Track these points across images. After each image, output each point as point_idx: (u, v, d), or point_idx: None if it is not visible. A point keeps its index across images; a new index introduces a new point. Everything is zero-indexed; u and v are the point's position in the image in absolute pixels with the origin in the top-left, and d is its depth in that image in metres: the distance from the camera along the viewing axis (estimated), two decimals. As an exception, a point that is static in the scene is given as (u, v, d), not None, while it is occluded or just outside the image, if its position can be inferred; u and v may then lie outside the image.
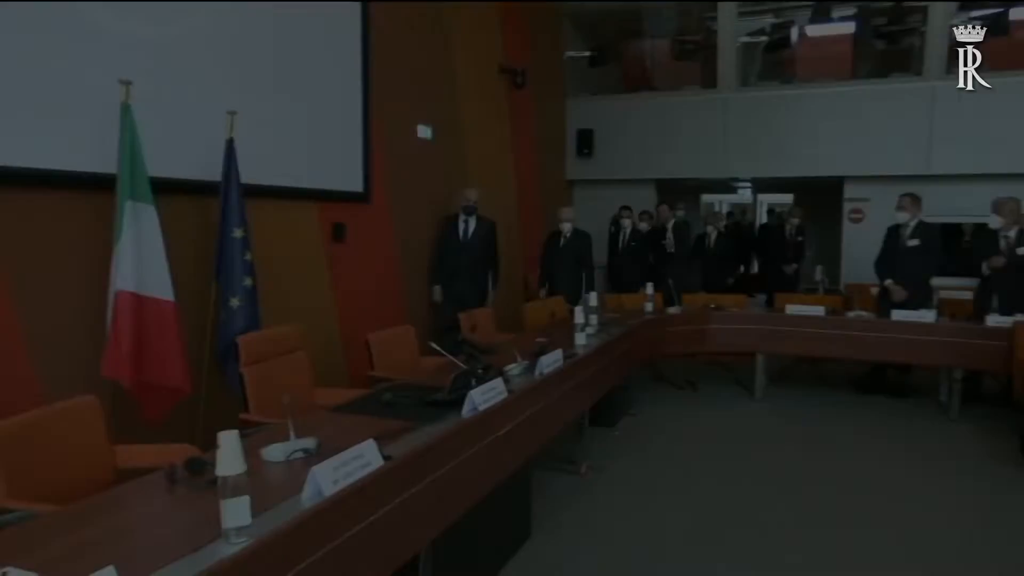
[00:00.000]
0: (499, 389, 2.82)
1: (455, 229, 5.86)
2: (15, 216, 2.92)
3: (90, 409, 2.41)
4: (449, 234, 5.87)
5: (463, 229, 5.85)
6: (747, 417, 5.57)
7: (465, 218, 5.85)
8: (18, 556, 1.48)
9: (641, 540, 3.34)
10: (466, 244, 5.82)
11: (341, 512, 1.80)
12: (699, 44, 10.02)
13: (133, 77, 3.14)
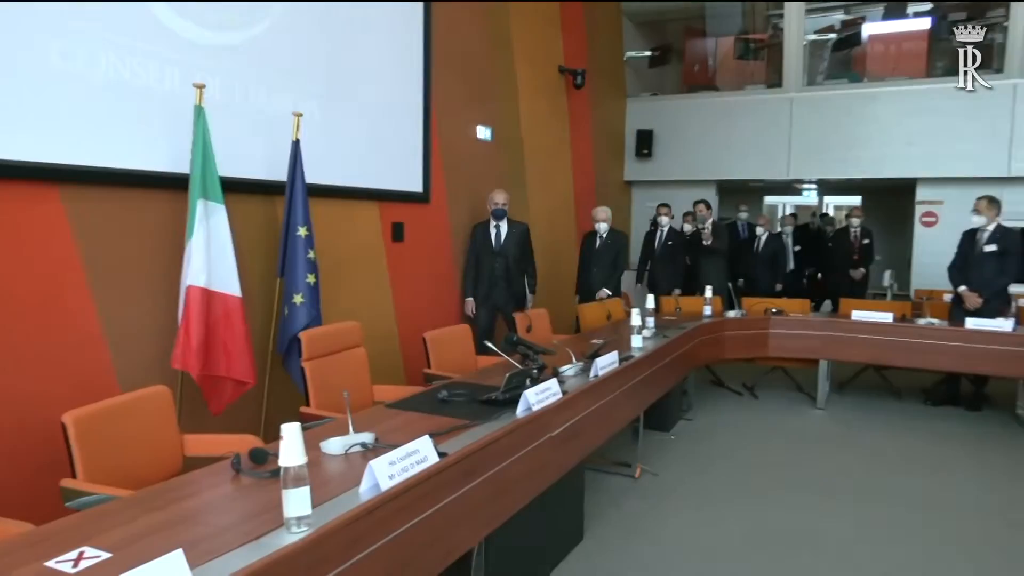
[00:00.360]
0: (554, 389, 2.83)
1: (487, 235, 5.57)
2: (95, 214, 3.07)
3: (162, 399, 2.52)
4: (481, 241, 5.58)
5: (495, 234, 5.57)
6: (808, 425, 5.41)
7: (496, 223, 5.57)
8: (94, 536, 1.56)
9: (695, 547, 3.29)
10: (499, 250, 5.53)
11: (397, 506, 1.84)
12: (763, 43, 9.81)
13: (205, 81, 3.27)
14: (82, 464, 2.16)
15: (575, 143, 7.81)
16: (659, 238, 7.16)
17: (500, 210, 5.51)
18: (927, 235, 8.07)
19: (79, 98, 2.96)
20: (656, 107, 9.19)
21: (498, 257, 5.51)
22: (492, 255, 5.52)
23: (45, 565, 1.43)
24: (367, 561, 1.72)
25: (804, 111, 8.27)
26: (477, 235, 5.60)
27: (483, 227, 5.60)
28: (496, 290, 5.53)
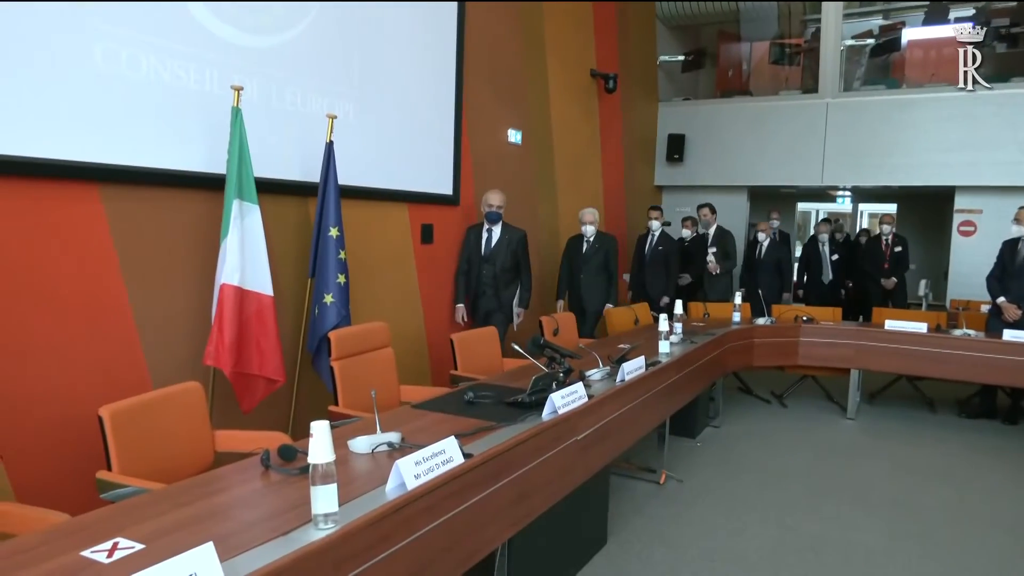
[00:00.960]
0: (580, 393, 2.83)
1: (479, 239, 5.17)
2: (133, 213, 3.15)
3: (195, 394, 2.58)
4: (473, 244, 5.18)
5: (485, 239, 5.15)
6: (838, 435, 5.33)
7: (489, 227, 5.14)
8: (127, 528, 1.60)
9: (720, 555, 3.27)
10: (488, 256, 5.13)
11: (422, 506, 1.85)
12: (799, 47, 9.70)
13: (243, 83, 3.34)
14: (117, 457, 2.22)
15: (605, 147, 7.80)
16: (649, 243, 6.71)
17: (494, 213, 5.10)
18: (964, 244, 7.90)
19: (120, 99, 3.03)
20: (689, 111, 9.13)
21: (486, 264, 5.13)
22: (480, 261, 5.16)
23: (81, 555, 1.47)
24: (392, 559, 1.74)
25: (840, 117, 8.16)
26: (470, 238, 5.23)
27: (476, 230, 5.23)
28: (483, 299, 5.17)
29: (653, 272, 6.62)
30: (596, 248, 5.86)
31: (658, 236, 6.64)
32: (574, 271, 5.96)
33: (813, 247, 8.13)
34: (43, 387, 2.84)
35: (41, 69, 2.75)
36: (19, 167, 2.71)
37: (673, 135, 8.98)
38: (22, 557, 1.46)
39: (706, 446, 4.89)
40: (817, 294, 7.85)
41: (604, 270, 5.88)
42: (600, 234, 5.93)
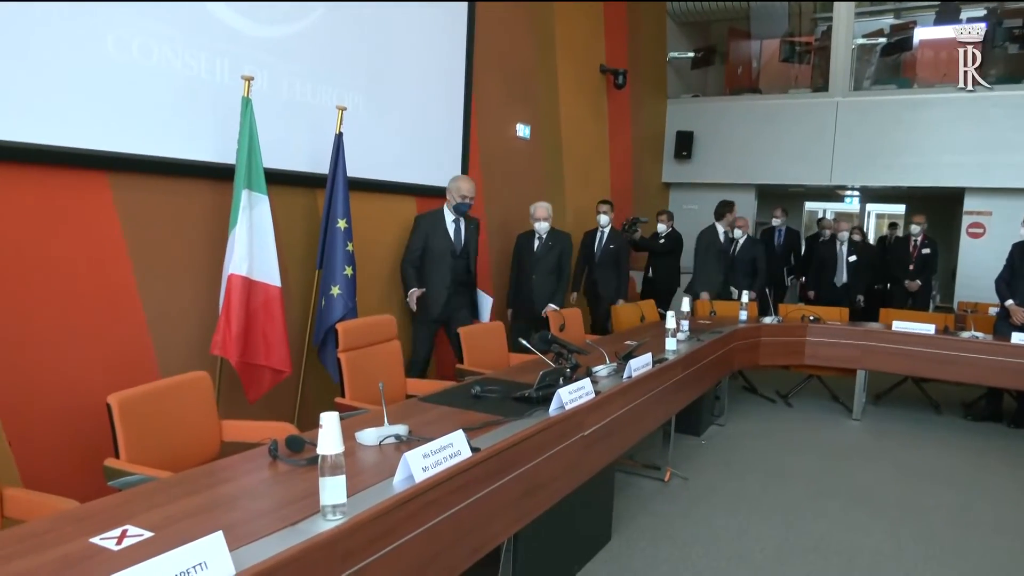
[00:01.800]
0: (587, 389, 2.82)
1: (443, 230, 4.57)
2: (142, 201, 3.15)
3: (202, 384, 2.58)
4: (440, 237, 4.55)
5: (454, 231, 4.60)
6: (843, 436, 5.31)
7: (456, 218, 4.60)
8: (136, 516, 1.60)
9: (724, 554, 3.26)
10: (463, 252, 4.62)
11: (430, 499, 1.85)
12: (810, 45, 9.65)
13: (253, 73, 3.33)
14: (125, 445, 2.22)
15: (614, 143, 7.78)
16: (599, 241, 6.08)
17: (465, 204, 4.55)
18: (973, 246, 7.87)
19: (131, 87, 3.03)
20: (697, 109, 9.10)
21: (460, 260, 4.60)
22: (454, 257, 4.55)
23: (90, 542, 1.47)
24: (399, 551, 1.74)
25: (850, 116, 8.12)
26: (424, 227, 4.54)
27: (434, 219, 4.57)
28: (456, 298, 4.59)
29: (603, 272, 6.03)
30: (549, 247, 5.20)
31: (608, 233, 6.05)
32: (525, 273, 5.29)
33: (829, 247, 7.47)
34: (52, 374, 2.85)
35: (53, 56, 2.75)
36: (29, 154, 2.71)
37: (682, 132, 8.95)
38: (31, 543, 1.46)
39: (711, 444, 4.88)
40: (829, 298, 7.09)
41: (559, 272, 5.23)
42: (555, 231, 5.26)
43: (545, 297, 5.21)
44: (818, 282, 7.48)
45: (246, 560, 1.39)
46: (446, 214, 4.58)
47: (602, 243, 6.05)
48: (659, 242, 6.95)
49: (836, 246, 7.31)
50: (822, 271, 7.39)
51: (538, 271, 5.24)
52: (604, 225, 6.04)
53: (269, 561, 1.40)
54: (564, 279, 5.28)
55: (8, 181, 2.68)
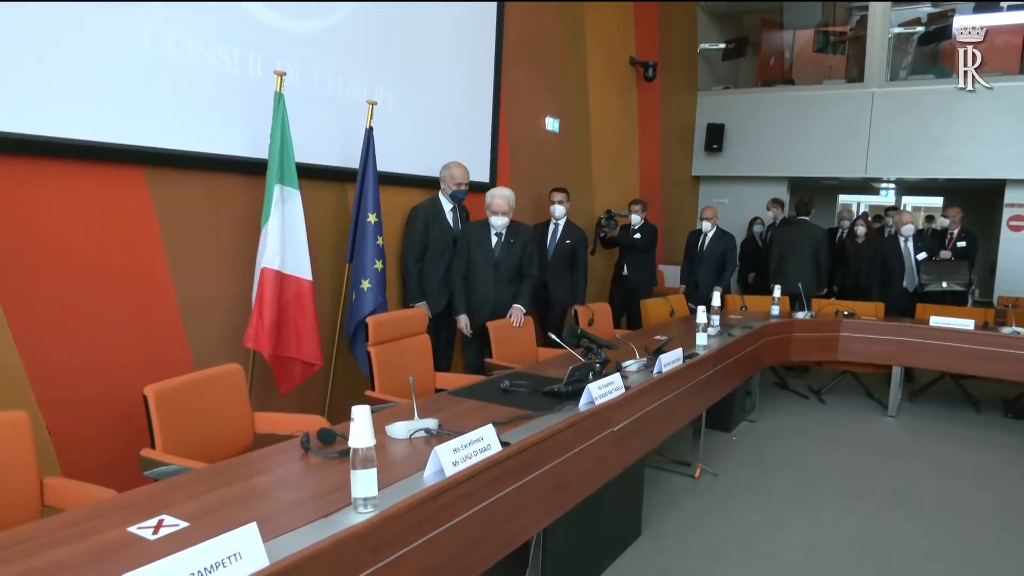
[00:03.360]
0: (617, 384, 2.80)
1: (443, 222, 4.31)
2: (177, 196, 3.19)
3: (236, 376, 2.61)
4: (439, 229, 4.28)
5: (452, 220, 4.36)
6: (878, 434, 5.21)
7: (453, 206, 4.38)
8: (172, 506, 1.63)
9: (755, 552, 3.22)
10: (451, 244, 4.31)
11: (460, 492, 1.85)
12: (844, 35, 9.47)
13: (285, 68, 3.35)
14: (160, 435, 2.26)
15: (643, 136, 7.71)
16: (551, 235, 5.30)
17: (462, 191, 4.32)
18: (1014, 240, 7.66)
19: (166, 83, 3.07)
20: (729, 101, 8.98)
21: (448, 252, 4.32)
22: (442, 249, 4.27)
23: (128, 530, 1.50)
24: (430, 545, 1.74)
25: (886, 107, 7.94)
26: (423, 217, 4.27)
27: (431, 209, 4.30)
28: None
29: (556, 272, 5.22)
30: (510, 244, 4.29)
31: (563, 226, 5.27)
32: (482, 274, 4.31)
33: (892, 245, 6.38)
34: (90, 365, 2.91)
35: (91, 54, 2.80)
36: (68, 149, 2.76)
37: (712, 125, 8.83)
38: (71, 531, 1.50)
39: (742, 441, 4.82)
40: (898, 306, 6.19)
41: (520, 272, 4.36)
42: (515, 224, 4.34)
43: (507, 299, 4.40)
44: (881, 287, 6.43)
45: (279, 551, 1.41)
46: (443, 202, 4.38)
47: (556, 238, 5.28)
48: (634, 237, 6.19)
49: (900, 243, 6.33)
50: (884, 274, 6.43)
51: (498, 272, 4.31)
52: (559, 217, 5.24)
53: (302, 553, 1.41)
54: (529, 280, 4.38)
55: (48, 176, 2.73)
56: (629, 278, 6.24)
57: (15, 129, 2.60)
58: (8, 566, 1.35)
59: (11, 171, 2.63)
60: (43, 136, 2.68)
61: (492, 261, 4.26)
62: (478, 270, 4.26)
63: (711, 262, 6.28)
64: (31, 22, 2.61)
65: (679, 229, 8.84)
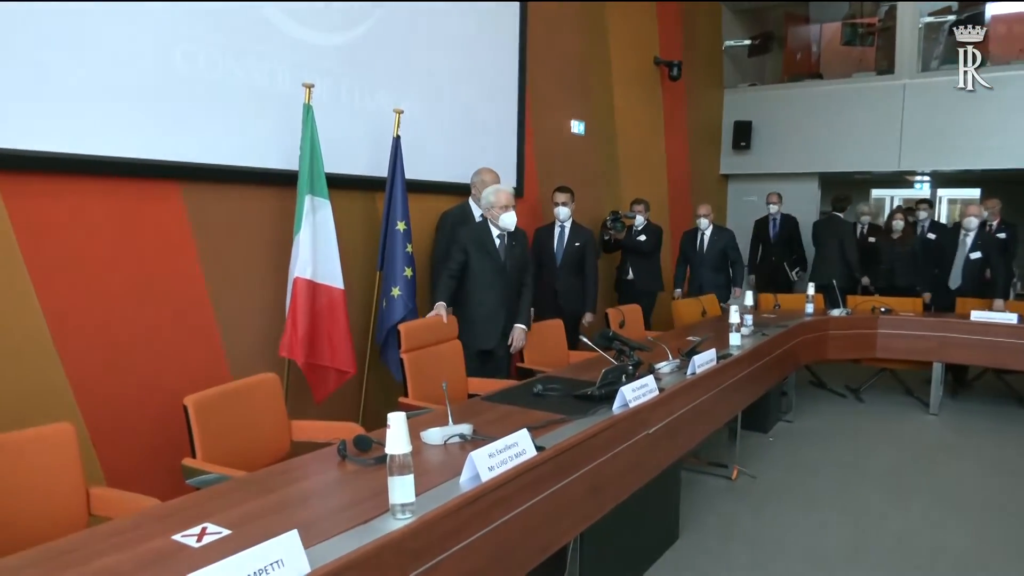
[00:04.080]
0: (651, 386, 2.78)
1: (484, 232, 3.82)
2: (212, 209, 3.25)
3: (272, 385, 2.65)
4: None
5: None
6: (920, 431, 5.10)
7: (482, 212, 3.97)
8: (214, 514, 1.65)
9: (796, 554, 3.17)
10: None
11: (496, 498, 1.85)
12: (873, 27, 9.30)
13: (313, 80, 3.39)
14: (201, 444, 2.30)
15: (669, 136, 7.65)
16: (559, 239, 4.93)
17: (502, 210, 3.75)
18: (1055, 231, 7.44)
19: (199, 99, 3.13)
20: (755, 97, 8.87)
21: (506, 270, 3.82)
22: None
23: (172, 539, 1.52)
24: (467, 550, 1.75)
25: (918, 98, 7.78)
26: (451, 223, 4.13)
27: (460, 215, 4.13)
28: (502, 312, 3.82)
29: (567, 279, 4.89)
30: (511, 247, 3.84)
31: (570, 228, 4.94)
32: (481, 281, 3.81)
33: (951, 239, 6.02)
34: (131, 376, 2.97)
35: (125, 72, 2.86)
36: (107, 166, 2.83)
37: (739, 122, 8.74)
38: (118, 539, 1.53)
39: (779, 441, 4.75)
40: (945, 305, 5.93)
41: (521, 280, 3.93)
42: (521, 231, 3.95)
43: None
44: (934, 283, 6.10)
45: (320, 558, 1.42)
46: (473, 209, 4.27)
47: (563, 242, 4.91)
48: (638, 239, 5.84)
49: (960, 237, 5.89)
50: (941, 268, 6.05)
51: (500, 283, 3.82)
52: (564, 219, 4.90)
53: (342, 559, 1.42)
54: (529, 290, 3.98)
55: (88, 193, 2.80)
56: (634, 282, 5.89)
57: (59, 149, 2.67)
58: (59, 574, 1.38)
59: (56, 190, 2.71)
60: (84, 155, 2.75)
61: (498, 266, 3.78)
62: (482, 279, 3.76)
63: (712, 262, 6.01)
64: (70, 49, 2.68)
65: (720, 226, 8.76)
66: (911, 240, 6.63)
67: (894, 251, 6.66)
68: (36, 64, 2.60)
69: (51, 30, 2.63)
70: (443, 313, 3.57)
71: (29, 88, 2.59)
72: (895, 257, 6.62)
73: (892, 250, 6.70)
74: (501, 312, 3.81)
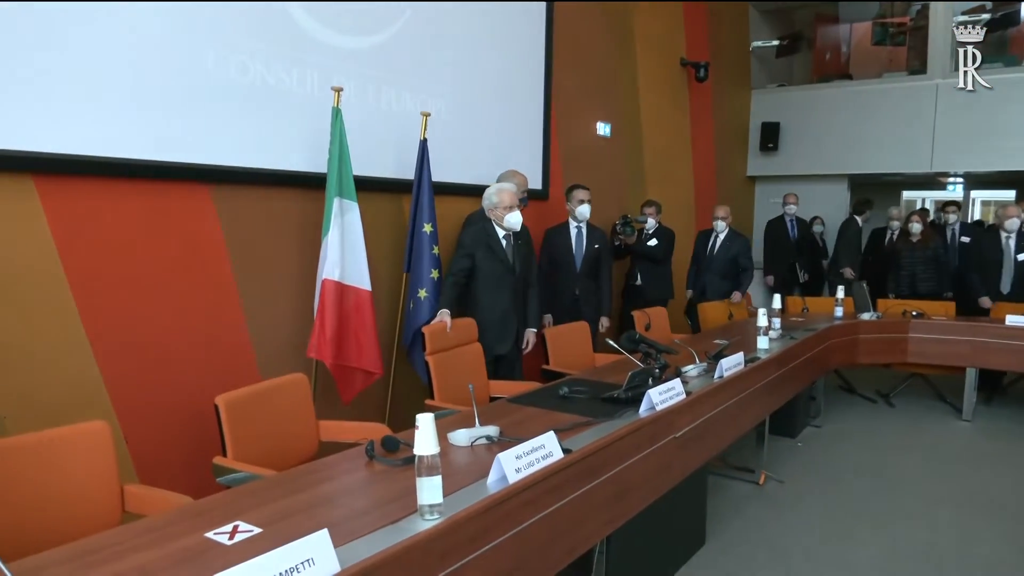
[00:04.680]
0: (677, 390, 2.76)
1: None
2: (241, 212, 3.30)
3: (301, 385, 2.68)
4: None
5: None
6: (952, 438, 5.00)
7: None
8: (245, 512, 1.68)
9: (825, 561, 3.12)
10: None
11: (523, 500, 1.85)
12: (904, 26, 9.16)
13: (341, 83, 3.43)
14: (231, 443, 2.33)
15: (696, 138, 7.60)
16: (576, 240, 4.69)
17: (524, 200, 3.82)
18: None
19: (231, 103, 3.18)
20: (784, 98, 8.78)
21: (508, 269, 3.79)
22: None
23: (205, 536, 1.55)
24: (494, 552, 1.75)
25: (951, 98, 7.63)
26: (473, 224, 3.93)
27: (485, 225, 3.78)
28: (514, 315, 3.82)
29: (586, 284, 4.75)
30: (519, 246, 3.85)
31: (587, 230, 4.74)
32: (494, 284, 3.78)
33: (992, 241, 5.75)
34: (163, 376, 3.02)
35: (161, 79, 2.92)
36: (140, 170, 2.89)
37: (767, 123, 8.65)
38: (151, 536, 1.55)
39: (807, 446, 4.69)
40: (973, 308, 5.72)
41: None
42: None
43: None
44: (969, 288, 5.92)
45: (349, 557, 1.43)
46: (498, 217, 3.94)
47: (582, 244, 4.66)
48: (648, 244, 5.56)
49: (1002, 240, 5.72)
50: (983, 272, 5.83)
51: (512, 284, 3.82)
52: (581, 220, 4.63)
53: (371, 559, 1.43)
54: (533, 289, 3.98)
55: (122, 195, 2.86)
56: (642, 288, 5.58)
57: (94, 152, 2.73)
58: (93, 570, 1.41)
59: (91, 192, 2.77)
60: (118, 158, 2.81)
61: (507, 267, 3.72)
62: (492, 281, 3.70)
63: (720, 267, 5.67)
64: (104, 54, 2.74)
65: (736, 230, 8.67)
66: (932, 243, 6.34)
67: (914, 255, 6.33)
68: (71, 70, 2.66)
69: (83, 35, 2.68)
70: (447, 320, 3.46)
71: (65, 93, 2.65)
72: (915, 261, 6.33)
73: (912, 254, 6.36)
74: (512, 315, 3.78)
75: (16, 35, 2.50)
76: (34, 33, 2.55)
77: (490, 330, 3.72)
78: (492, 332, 3.73)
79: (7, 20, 2.47)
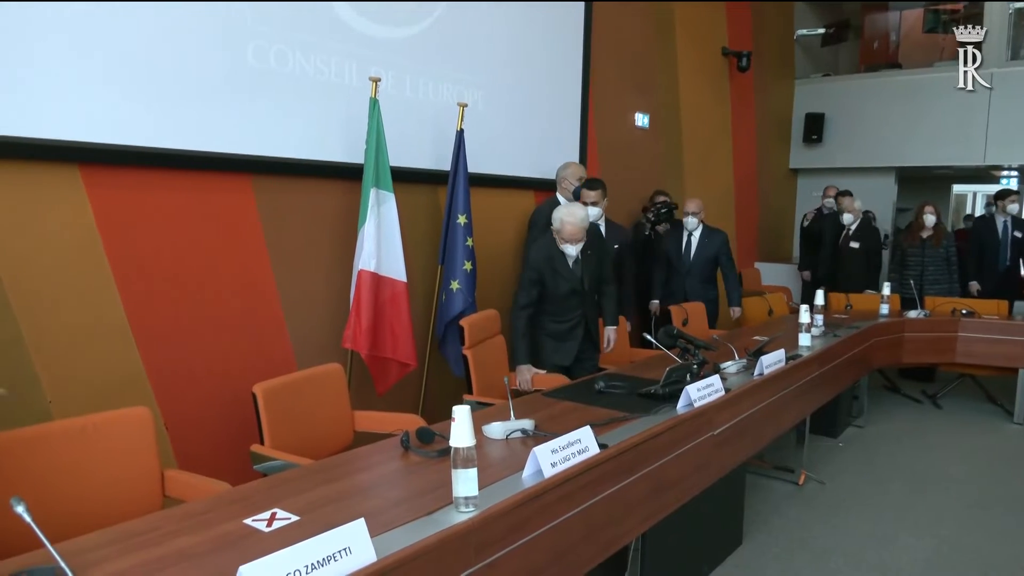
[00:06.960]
0: (716, 386, 2.71)
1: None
2: (280, 202, 3.32)
3: (337, 376, 2.69)
4: None
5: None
6: (1003, 441, 4.83)
7: None
8: (283, 500, 1.69)
9: (867, 565, 3.04)
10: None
11: (559, 494, 1.83)
12: (957, 13, 8.86)
13: (379, 74, 3.42)
14: (268, 431, 2.35)
15: (736, 129, 7.46)
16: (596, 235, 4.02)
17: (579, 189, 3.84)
18: None
19: (270, 94, 3.20)
20: (828, 89, 8.56)
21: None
22: None
23: (243, 522, 1.56)
24: (529, 546, 1.73)
25: (1007, 88, 7.35)
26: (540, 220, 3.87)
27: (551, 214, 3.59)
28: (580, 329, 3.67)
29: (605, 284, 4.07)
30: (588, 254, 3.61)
31: (605, 226, 4.33)
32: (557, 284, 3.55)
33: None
34: (202, 364, 3.07)
35: (202, 70, 2.95)
36: (184, 160, 2.92)
37: (811, 114, 8.45)
38: (191, 522, 1.57)
39: (849, 447, 4.58)
40: None
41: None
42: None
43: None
44: None
45: (385, 548, 1.42)
46: (561, 202, 4.11)
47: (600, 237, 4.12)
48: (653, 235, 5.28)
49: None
50: None
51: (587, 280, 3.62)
52: (596, 218, 4.15)
53: (408, 550, 1.42)
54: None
55: (164, 185, 2.90)
56: None
57: (137, 143, 2.78)
58: (135, 553, 1.43)
59: (134, 182, 2.81)
60: (160, 148, 2.85)
61: (574, 283, 3.55)
62: (558, 298, 3.55)
63: (700, 271, 4.99)
64: (146, 46, 2.77)
65: (777, 225, 8.52)
66: (944, 239, 5.84)
67: (924, 253, 5.82)
68: (114, 61, 2.70)
69: (126, 27, 2.72)
70: (528, 378, 3.28)
71: (108, 85, 2.69)
72: (926, 261, 5.84)
73: (921, 252, 5.85)
74: (579, 329, 3.63)
75: (62, 28, 2.55)
76: (80, 26, 2.59)
77: (551, 342, 3.62)
78: (552, 344, 3.62)
79: (53, 14, 2.52)
